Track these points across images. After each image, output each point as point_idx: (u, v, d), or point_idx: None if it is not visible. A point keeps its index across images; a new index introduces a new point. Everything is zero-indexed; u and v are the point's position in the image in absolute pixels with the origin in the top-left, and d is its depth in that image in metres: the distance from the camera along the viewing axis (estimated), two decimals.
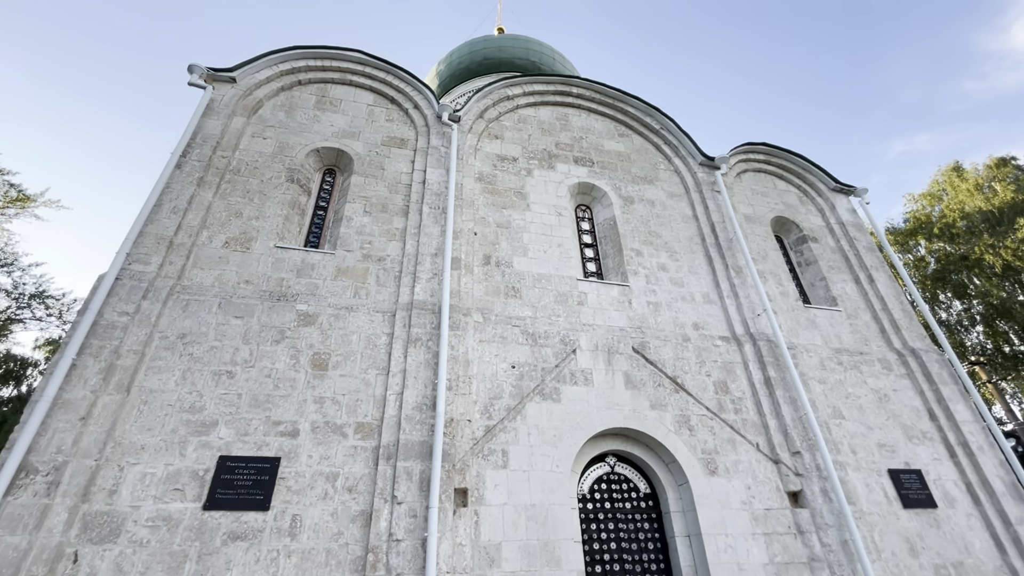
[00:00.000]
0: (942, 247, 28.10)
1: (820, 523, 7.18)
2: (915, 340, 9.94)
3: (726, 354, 8.65)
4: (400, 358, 7.00)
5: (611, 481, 7.48)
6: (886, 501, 7.82)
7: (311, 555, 5.55)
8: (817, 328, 9.71)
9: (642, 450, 7.65)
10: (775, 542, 7.00)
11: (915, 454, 8.47)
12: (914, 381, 9.37)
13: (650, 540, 7.13)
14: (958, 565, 7.51)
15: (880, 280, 10.74)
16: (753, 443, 7.79)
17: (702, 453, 7.49)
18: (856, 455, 8.16)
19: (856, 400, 8.81)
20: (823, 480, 7.50)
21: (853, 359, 9.35)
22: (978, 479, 8.35)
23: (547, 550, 6.21)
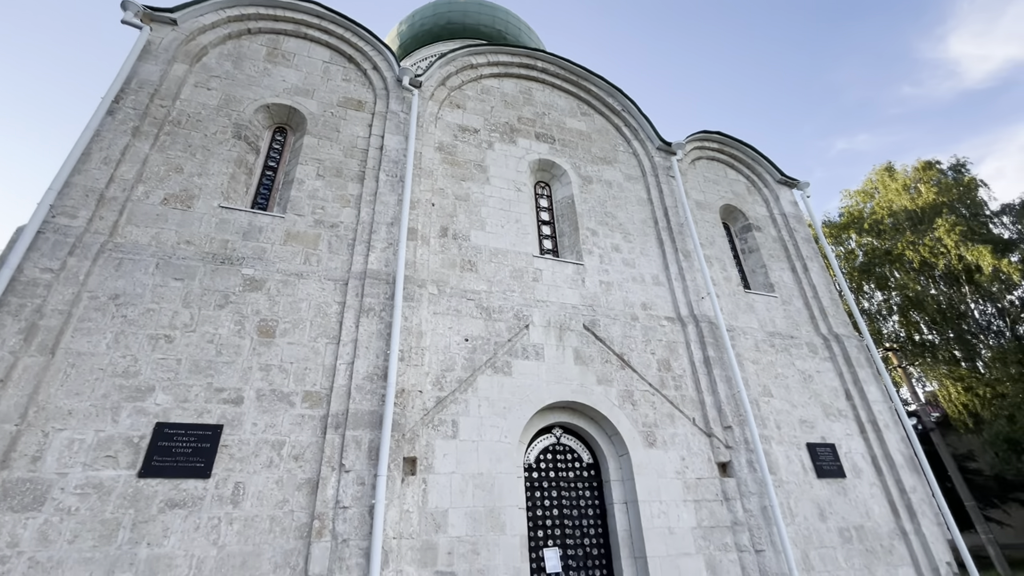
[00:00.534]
0: (870, 241, 30.22)
1: (744, 491, 7.79)
2: (839, 326, 10.76)
3: (670, 334, 9.07)
4: (352, 328, 6.90)
5: (556, 452, 7.78)
6: (803, 472, 8.56)
7: (254, 522, 5.49)
8: (755, 312, 10.32)
9: (587, 423, 7.97)
10: (703, 508, 7.56)
11: (831, 430, 9.29)
12: (835, 364, 10.19)
13: (590, 507, 7.51)
14: (859, 528, 8.39)
15: (814, 270, 11.49)
16: (690, 418, 8.29)
17: (643, 426, 7.90)
18: (780, 430, 8.86)
19: (784, 380, 9.50)
20: (750, 452, 8.11)
21: (784, 342, 10.04)
22: (882, 453, 9.27)
23: (492, 516, 6.43)
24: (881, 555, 8.25)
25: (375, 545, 5.49)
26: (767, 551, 7.37)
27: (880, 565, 8.15)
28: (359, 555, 5.55)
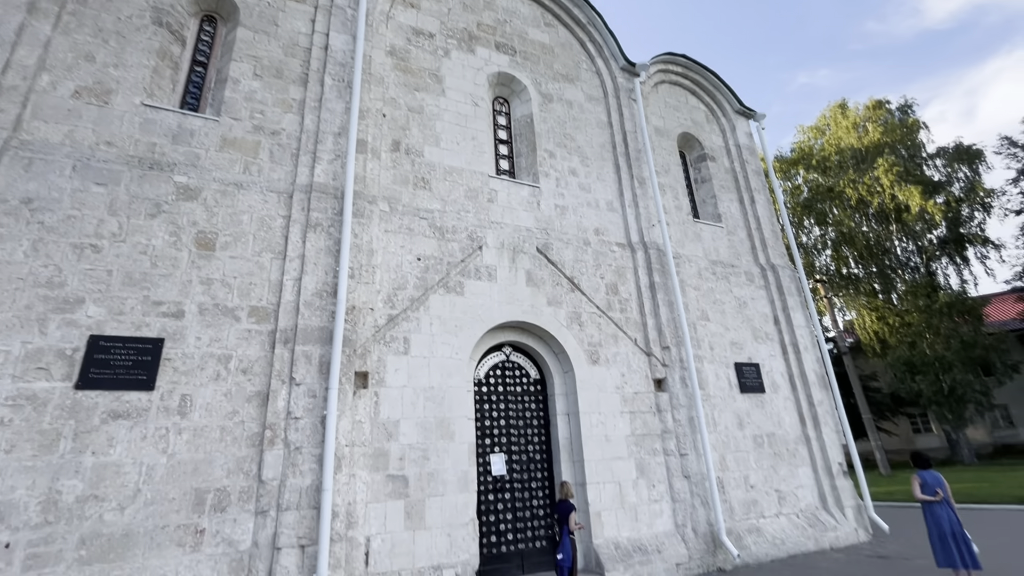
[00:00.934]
0: (815, 178, 31.30)
1: (675, 404, 8.53)
2: (776, 257, 11.41)
3: (620, 259, 9.34)
4: (298, 243, 6.67)
5: (506, 368, 8.13)
6: (728, 387, 9.41)
7: (204, 432, 5.55)
8: (701, 241, 10.72)
9: (536, 342, 8.30)
10: (638, 419, 8.25)
11: (757, 351, 10.14)
12: (768, 292, 10.91)
13: (535, 418, 8.03)
14: (771, 435, 9.46)
15: (760, 202, 11.91)
16: (632, 338, 8.78)
17: (588, 345, 8.32)
18: (713, 351, 9.58)
19: (721, 306, 10.13)
20: (683, 370, 8.79)
21: (725, 270, 10.58)
22: (799, 371, 10.28)
23: (443, 426, 6.78)
24: (786, 457, 9.42)
25: (328, 452, 5.72)
26: (690, 455, 8.23)
27: (784, 465, 9.32)
28: (312, 461, 5.78)
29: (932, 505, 6.03)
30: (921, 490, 6.14)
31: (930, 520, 6.02)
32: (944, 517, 5.92)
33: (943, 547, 5.86)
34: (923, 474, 6.22)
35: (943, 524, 5.90)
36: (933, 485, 6.10)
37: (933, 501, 6.02)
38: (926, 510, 6.08)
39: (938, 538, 5.91)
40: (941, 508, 5.97)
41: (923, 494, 6.10)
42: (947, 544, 5.83)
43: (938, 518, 5.95)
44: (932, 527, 5.99)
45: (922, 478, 6.19)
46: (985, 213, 27.39)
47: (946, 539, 5.84)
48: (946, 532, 5.86)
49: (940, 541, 5.89)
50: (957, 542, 5.80)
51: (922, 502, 6.12)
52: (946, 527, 5.88)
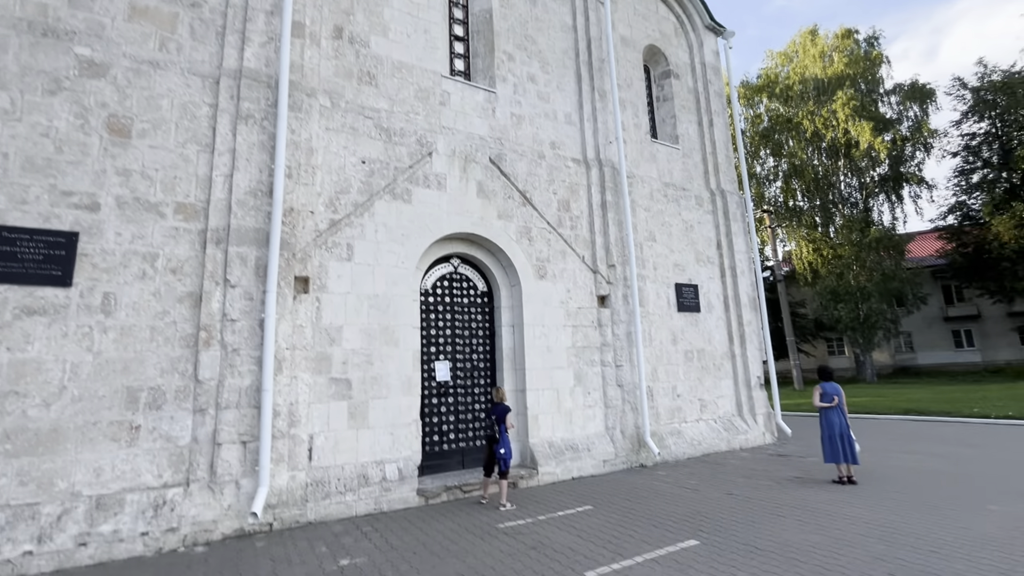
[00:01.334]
0: (777, 107, 31.30)
1: (616, 319, 8.92)
2: (727, 183, 11.59)
3: (574, 176, 9.22)
4: (228, 135, 6.13)
5: (454, 280, 8.14)
6: (667, 306, 9.89)
7: (132, 331, 5.35)
8: (656, 162, 10.69)
9: (485, 255, 8.29)
10: (580, 332, 8.61)
11: (698, 273, 10.59)
12: (715, 217, 11.20)
13: (481, 328, 8.23)
14: (700, 351, 10.17)
15: (718, 126, 11.84)
16: (580, 256, 8.92)
17: (536, 260, 8.40)
18: (656, 271, 9.92)
19: (669, 228, 10.35)
20: (626, 288, 9.10)
21: (676, 193, 10.70)
22: (733, 294, 10.89)
23: (387, 333, 6.83)
24: (712, 371, 10.23)
25: (267, 354, 5.68)
26: (625, 366, 8.78)
27: (709, 378, 10.14)
28: (251, 363, 5.74)
29: (828, 411, 6.79)
30: (820, 399, 6.87)
31: (824, 423, 6.81)
32: (836, 422, 6.70)
33: (831, 446, 6.69)
34: (824, 385, 6.93)
35: (834, 427, 6.70)
36: (831, 394, 6.83)
37: (829, 407, 6.78)
38: (822, 415, 6.86)
39: (828, 438, 6.73)
40: (834, 414, 6.74)
41: (822, 402, 6.84)
42: (834, 444, 6.65)
43: (830, 422, 6.73)
44: (824, 429, 6.79)
45: (823, 388, 6.90)
46: (925, 153, 28.59)
47: (834, 439, 6.66)
48: (835, 434, 6.67)
49: (829, 441, 6.71)
50: (843, 442, 6.63)
51: (820, 408, 6.88)
52: (836, 430, 6.68)
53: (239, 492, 5.45)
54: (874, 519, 5.15)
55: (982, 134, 28.00)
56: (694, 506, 5.92)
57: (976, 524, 4.85)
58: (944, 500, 5.74)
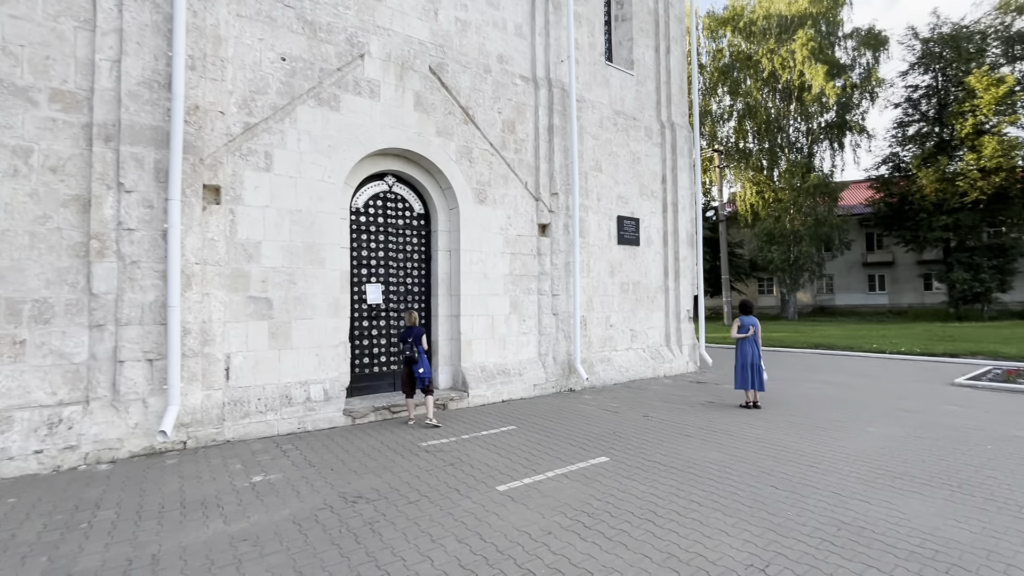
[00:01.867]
0: (739, 43, 30.70)
1: (555, 249, 8.88)
2: (678, 116, 11.40)
3: (522, 95, 8.71)
4: (113, 12, 5.21)
5: (388, 199, 7.72)
6: (607, 238, 9.93)
7: (7, 236, 4.73)
8: (609, 87, 10.26)
9: (422, 174, 7.85)
10: (518, 260, 8.53)
11: (640, 207, 10.61)
12: (663, 150, 11.09)
13: (417, 252, 7.96)
14: (636, 283, 10.42)
15: (675, 54, 11.42)
16: (523, 182, 8.64)
17: (477, 184, 8.07)
18: (600, 202, 9.83)
19: (616, 159, 10.17)
20: (568, 218, 9.00)
21: (627, 122, 10.42)
22: (673, 229, 11.06)
23: (312, 251, 6.45)
24: (645, 303, 10.56)
25: (172, 268, 5.23)
26: (561, 296, 8.87)
27: (643, 309, 10.49)
28: (154, 277, 5.28)
29: (743, 342, 7.20)
30: (738, 331, 7.25)
31: (738, 353, 7.24)
32: (749, 352, 7.13)
33: (742, 374, 7.16)
34: (743, 318, 7.29)
35: (747, 357, 7.14)
36: (748, 326, 7.21)
37: (744, 338, 7.18)
38: (737, 345, 7.27)
39: (740, 367, 7.19)
40: (748, 345, 7.16)
41: (738, 333, 7.23)
42: (745, 372, 7.12)
43: (744, 352, 7.16)
44: (738, 359, 7.23)
45: (741, 321, 7.27)
46: (871, 102, 29.29)
47: (746, 368, 7.12)
48: (747, 363, 7.12)
49: (740, 369, 7.17)
50: (752, 371, 7.10)
51: (736, 339, 7.28)
52: (748, 359, 7.13)
53: (147, 411, 5.20)
54: (769, 439, 5.62)
55: (924, 87, 28.89)
56: (611, 427, 6.25)
57: (853, 443, 5.40)
58: (832, 423, 6.34)
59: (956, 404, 7.47)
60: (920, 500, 3.85)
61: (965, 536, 3.25)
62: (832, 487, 4.12)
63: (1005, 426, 6.15)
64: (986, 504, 3.77)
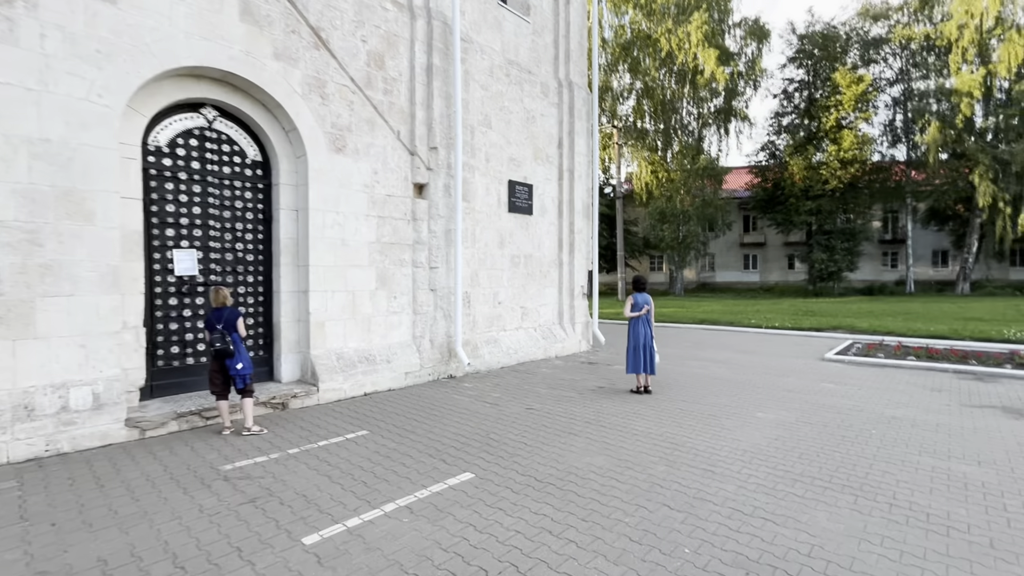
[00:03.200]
0: (640, 21, 30.83)
1: (434, 213, 7.58)
2: (576, 75, 10.48)
3: (394, 24, 7.16)
4: None
5: (207, 138, 5.87)
6: (496, 205, 8.82)
7: None
8: (501, 32, 9.00)
9: (258, 110, 6.08)
10: (387, 224, 7.11)
11: (535, 172, 9.61)
12: (560, 111, 10.14)
13: (251, 210, 6.23)
14: (528, 256, 9.48)
15: (575, 5, 10.42)
16: (395, 130, 7.18)
17: (332, 127, 6.47)
18: (489, 163, 8.65)
19: (508, 115, 9.01)
20: (450, 178, 7.71)
21: (521, 75, 9.27)
22: (568, 198, 10.24)
23: (71, 201, 4.55)
24: (538, 278, 9.69)
25: None
26: (441, 268, 7.64)
27: (535, 285, 9.61)
28: None
29: (635, 322, 6.53)
30: (631, 309, 6.56)
31: (631, 334, 6.57)
32: (641, 332, 6.49)
33: (634, 357, 6.51)
34: (636, 296, 6.62)
35: (639, 338, 6.49)
36: (641, 304, 6.55)
37: (637, 316, 6.52)
38: (630, 325, 6.60)
39: (632, 349, 6.53)
40: (641, 325, 6.51)
41: (632, 312, 6.55)
42: (637, 355, 6.48)
43: (636, 333, 6.51)
44: (631, 339, 6.57)
45: (635, 299, 6.59)
46: (754, 91, 31.09)
47: (638, 351, 6.48)
48: (640, 344, 6.48)
49: (633, 352, 6.52)
50: (645, 353, 6.48)
51: (629, 319, 6.60)
52: (640, 340, 6.48)
53: None
54: (660, 433, 4.95)
55: (798, 81, 31.25)
56: (486, 425, 5.24)
57: (746, 435, 4.89)
58: (722, 409, 5.89)
59: (831, 381, 7.52)
60: (826, 513, 3.26)
61: (886, 566, 2.63)
62: (732, 501, 3.43)
63: (879, 404, 6.10)
64: (892, 512, 3.27)
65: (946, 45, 27.01)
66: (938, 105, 27.50)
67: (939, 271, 37.23)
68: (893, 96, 30.99)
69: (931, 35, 27.42)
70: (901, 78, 30.61)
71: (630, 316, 6.55)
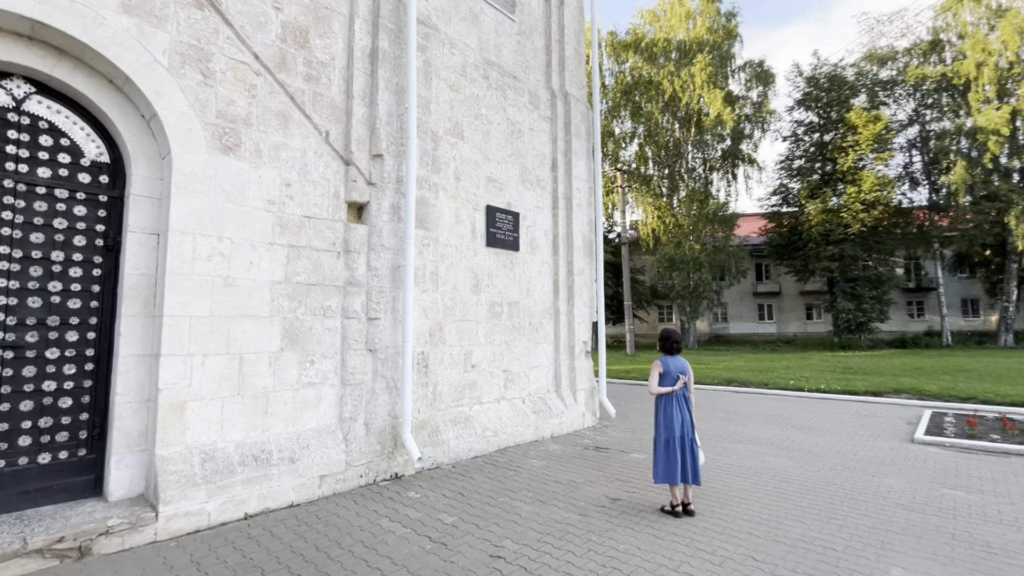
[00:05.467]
0: (641, 66, 30.19)
1: (377, 244, 5.48)
2: (573, 86, 8.71)
3: None
4: None
5: (13, 125, 3.89)
6: (470, 236, 6.75)
7: None
8: (478, 26, 7.27)
9: (98, 85, 4.14)
10: (304, 258, 5.00)
11: (522, 197, 7.61)
12: (553, 127, 8.28)
13: (83, 233, 4.15)
14: (514, 304, 7.30)
15: (571, 7, 8.81)
16: (322, 131, 5.22)
17: (219, 117, 4.50)
18: (459, 182, 6.66)
19: (486, 125, 7.11)
20: (400, 196, 5.68)
21: (504, 80, 7.46)
22: (566, 232, 8.19)
23: None
24: (527, 332, 7.46)
25: None
26: (383, 320, 5.45)
27: (522, 342, 7.37)
28: None
29: (667, 402, 4.25)
30: (661, 380, 4.30)
31: (660, 420, 4.28)
32: (676, 420, 4.20)
33: (666, 458, 4.18)
34: (666, 361, 4.38)
35: (673, 428, 4.19)
36: (675, 374, 4.30)
37: (670, 393, 4.24)
38: (659, 407, 4.31)
39: (663, 446, 4.21)
40: (675, 406, 4.23)
41: (662, 386, 4.27)
42: (671, 455, 4.15)
43: (669, 419, 4.22)
44: (660, 430, 4.26)
45: (664, 366, 4.35)
46: (762, 133, 29.91)
47: (671, 449, 4.16)
48: (674, 438, 4.18)
49: (665, 450, 4.20)
50: (683, 452, 4.15)
51: (658, 397, 4.32)
52: (675, 431, 4.19)
53: None
54: None
55: (807, 123, 30.09)
56: None
57: None
58: (826, 555, 3.49)
59: (953, 484, 5.11)
60: None
61: None
62: None
63: None
64: None
65: (963, 84, 25.87)
66: (962, 144, 25.99)
67: (971, 321, 34.65)
68: (908, 139, 29.68)
69: (948, 73, 26.34)
70: (915, 119, 29.41)
71: (660, 392, 4.28)
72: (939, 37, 28.41)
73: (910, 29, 35.03)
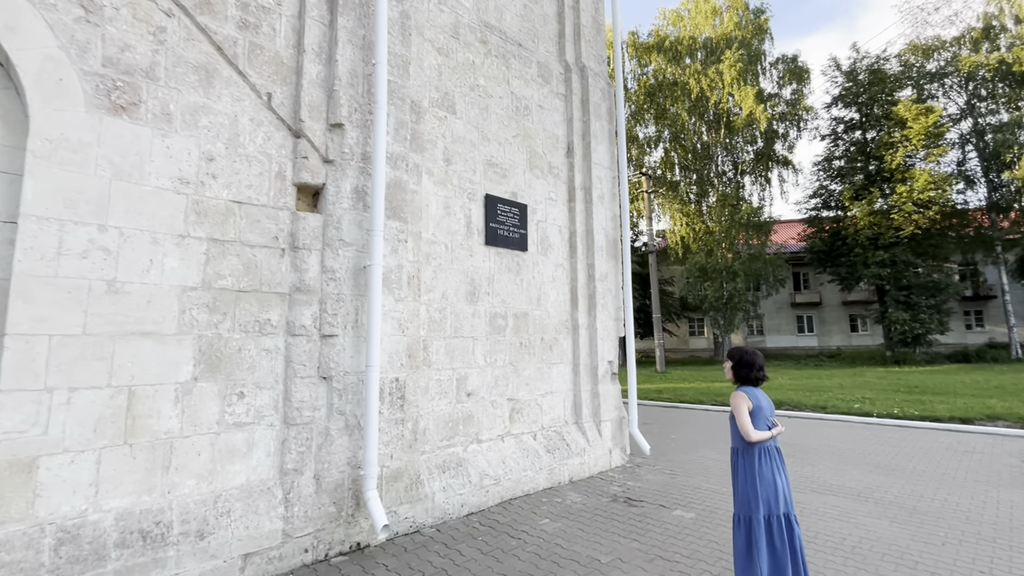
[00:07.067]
0: (665, 68, 28.82)
1: (333, 238, 4.22)
2: (592, 59, 7.41)
3: None
4: None
5: None
6: (464, 231, 5.44)
7: None
8: None
9: None
10: (233, 256, 3.77)
11: (530, 186, 6.29)
12: (568, 105, 6.97)
13: None
14: (521, 315, 5.93)
15: None
16: (263, 93, 4.02)
17: (107, 65, 3.33)
18: (450, 165, 5.39)
19: (485, 98, 5.85)
20: (366, 177, 4.42)
21: (506, 48, 6.21)
22: (584, 229, 6.82)
23: None
24: (538, 351, 6.07)
25: None
26: (341, 337, 4.15)
27: (533, 362, 5.98)
28: None
29: (763, 457, 2.80)
30: (751, 419, 2.84)
31: (757, 484, 2.78)
32: (779, 483, 2.75)
33: (771, 548, 2.70)
34: (754, 394, 2.92)
35: (777, 495, 2.74)
36: (768, 412, 2.87)
37: (768, 439, 2.81)
38: (750, 462, 2.83)
39: (764, 525, 2.73)
40: (767, 462, 2.78)
41: (757, 433, 2.81)
42: (772, 544, 2.68)
43: (770, 483, 2.77)
44: (757, 499, 2.76)
45: (754, 400, 2.89)
46: (798, 132, 28.03)
47: (777, 528, 2.68)
48: (777, 512, 2.71)
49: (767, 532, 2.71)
50: (791, 537, 2.68)
51: (746, 447, 2.86)
52: (779, 502, 2.73)
53: None
54: None
55: (847, 121, 28.05)
56: None
57: None
58: None
59: None
60: None
61: None
62: None
63: None
64: None
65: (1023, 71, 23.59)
66: None
67: None
68: (961, 133, 27.31)
69: (1008, 60, 24.09)
70: (968, 112, 27.08)
71: (759, 439, 2.80)
72: (991, 23, 26.22)
73: (958, 16, 32.61)
